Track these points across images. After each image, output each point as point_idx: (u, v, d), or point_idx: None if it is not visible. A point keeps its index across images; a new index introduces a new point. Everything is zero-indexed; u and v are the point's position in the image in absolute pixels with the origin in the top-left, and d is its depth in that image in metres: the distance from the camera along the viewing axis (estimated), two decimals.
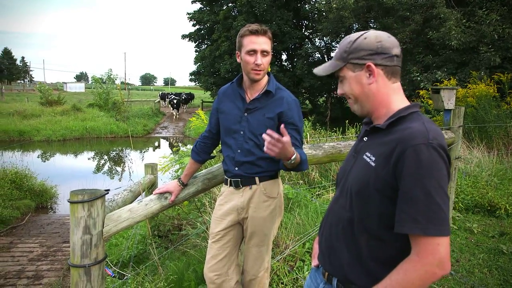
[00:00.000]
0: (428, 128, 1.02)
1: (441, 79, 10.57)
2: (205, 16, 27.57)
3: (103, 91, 20.77)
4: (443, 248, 0.95)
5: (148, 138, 18.04)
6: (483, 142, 6.65)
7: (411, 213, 0.97)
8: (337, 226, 1.21)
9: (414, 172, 0.97)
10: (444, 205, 0.96)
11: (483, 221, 4.23)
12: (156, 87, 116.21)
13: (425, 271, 0.95)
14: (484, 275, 3.04)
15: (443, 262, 0.95)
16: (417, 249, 0.97)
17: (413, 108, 1.13)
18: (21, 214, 5.92)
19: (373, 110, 1.18)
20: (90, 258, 1.89)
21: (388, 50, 1.12)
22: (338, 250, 1.19)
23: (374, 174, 1.07)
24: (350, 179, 1.18)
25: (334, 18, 15.94)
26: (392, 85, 1.15)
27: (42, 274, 3.87)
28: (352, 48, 1.15)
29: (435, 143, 0.99)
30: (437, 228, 0.95)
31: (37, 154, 13.68)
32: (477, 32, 11.11)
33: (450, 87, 3.75)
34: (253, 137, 1.93)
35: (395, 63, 1.13)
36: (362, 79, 1.15)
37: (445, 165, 0.99)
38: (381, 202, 1.06)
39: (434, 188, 0.95)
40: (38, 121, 16.64)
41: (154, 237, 3.94)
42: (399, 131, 1.06)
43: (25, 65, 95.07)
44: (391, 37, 1.14)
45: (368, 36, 1.14)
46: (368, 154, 1.13)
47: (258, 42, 1.83)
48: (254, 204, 1.97)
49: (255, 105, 1.94)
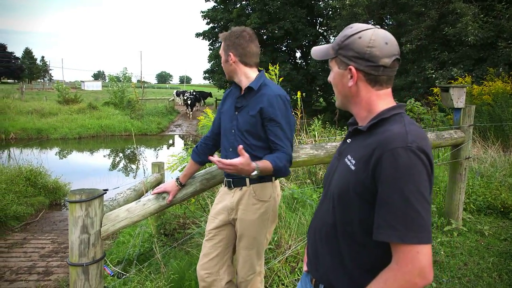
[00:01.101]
0: (408, 131, 0.98)
1: (457, 76, 10.33)
2: (219, 15, 27.64)
3: (118, 90, 21.07)
4: (423, 257, 0.90)
5: (162, 136, 18.22)
6: (498, 141, 6.47)
7: (389, 220, 0.93)
8: (321, 231, 1.18)
9: (391, 177, 0.93)
10: (424, 211, 0.91)
11: (495, 223, 4.11)
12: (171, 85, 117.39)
13: (405, 281, 0.91)
14: (493, 280, 2.95)
15: (424, 271, 0.90)
16: (397, 258, 0.93)
17: (397, 109, 1.09)
18: (35, 210, 6.05)
19: (352, 108, 1.16)
20: (88, 257, 1.91)
21: (375, 59, 1.06)
22: (322, 256, 1.16)
23: (354, 179, 1.03)
24: (333, 183, 1.15)
25: (348, 15, 15.75)
26: (376, 92, 1.10)
27: (52, 270, 3.96)
28: (344, 43, 1.11)
29: (414, 146, 0.94)
30: (416, 235, 0.90)
31: (53, 151, 13.98)
32: (495, 27, 10.81)
33: (460, 85, 3.66)
34: (240, 134, 1.93)
35: (381, 73, 1.08)
36: (344, 79, 1.13)
37: (425, 169, 0.94)
38: (361, 207, 1.02)
39: (413, 193, 0.91)
40: (55, 119, 16.98)
41: (160, 235, 3.97)
42: (379, 134, 1.02)
43: (45, 65, 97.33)
44: (389, 43, 1.06)
45: (363, 36, 1.07)
46: (349, 157, 1.09)
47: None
48: (243, 206, 1.97)
49: (242, 103, 1.95)
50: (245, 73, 1.96)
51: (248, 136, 1.91)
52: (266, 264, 2.75)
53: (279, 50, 27.49)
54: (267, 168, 1.76)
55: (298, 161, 2.62)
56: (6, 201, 5.47)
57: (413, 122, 1.07)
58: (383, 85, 1.10)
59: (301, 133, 5.67)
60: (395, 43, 1.08)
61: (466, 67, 11.52)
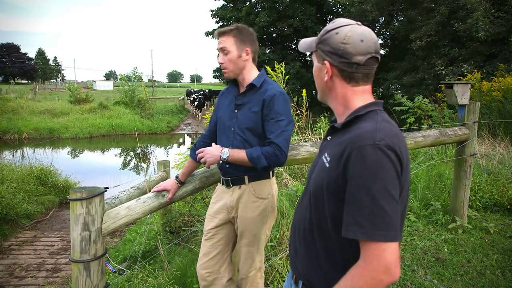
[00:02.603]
0: (378, 128, 0.98)
1: (467, 73, 10.18)
2: (228, 13, 27.74)
3: (129, 89, 21.30)
4: (389, 254, 0.91)
5: (172, 135, 18.37)
6: (507, 137, 6.37)
7: (355, 217, 0.93)
8: (299, 228, 1.19)
9: (359, 175, 0.94)
10: (390, 209, 0.91)
11: (501, 220, 4.06)
12: (182, 84, 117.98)
13: (371, 278, 0.92)
14: (495, 277, 2.93)
15: (390, 268, 0.91)
16: (364, 255, 0.94)
17: (372, 106, 1.09)
18: (45, 209, 6.20)
19: (331, 104, 1.17)
20: (89, 254, 1.96)
21: (348, 55, 1.06)
22: (300, 253, 1.18)
23: (327, 176, 1.04)
24: (311, 180, 1.16)
25: (357, 11, 15.64)
26: (352, 88, 1.11)
27: (60, 267, 4.06)
28: (323, 38, 1.12)
29: (382, 143, 0.94)
30: (382, 233, 0.91)
31: (65, 151, 14.23)
32: (507, 22, 10.62)
33: (464, 82, 3.62)
34: (240, 132, 1.95)
35: (354, 70, 1.08)
36: (321, 73, 1.15)
37: (393, 166, 0.94)
38: (333, 204, 1.03)
39: (379, 191, 0.91)
40: (67, 119, 17.27)
41: (166, 233, 4.03)
42: (351, 132, 1.03)
43: (57, 65, 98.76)
44: (366, 40, 1.06)
45: (340, 32, 1.08)
46: (326, 154, 1.10)
47: (218, 43, 1.96)
48: (243, 203, 1.99)
49: (242, 100, 1.97)
50: (251, 70, 1.99)
51: (248, 134, 1.93)
52: (268, 261, 2.78)
53: (288, 48, 27.43)
54: (240, 154, 1.85)
55: (298, 159, 2.64)
56: (17, 199, 5.61)
57: (388, 119, 1.06)
58: (359, 82, 1.10)
59: (306, 131, 5.67)
60: (372, 41, 1.07)
61: (476, 63, 11.35)
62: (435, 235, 3.65)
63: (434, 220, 3.94)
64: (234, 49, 1.91)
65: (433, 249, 3.39)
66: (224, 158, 1.84)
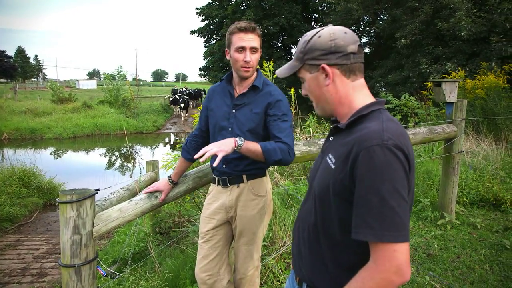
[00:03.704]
0: (385, 128, 0.97)
1: (451, 71, 10.36)
2: (214, 11, 27.58)
3: (113, 88, 20.96)
4: (400, 255, 0.90)
5: (158, 134, 18.18)
6: (491, 134, 6.51)
7: (365, 219, 0.92)
8: (303, 230, 1.18)
9: (367, 175, 0.93)
10: (400, 209, 0.91)
11: (487, 215, 4.14)
12: (167, 83, 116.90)
13: (382, 279, 0.91)
14: (484, 271, 2.98)
15: (401, 269, 0.90)
16: (374, 256, 0.93)
17: (375, 105, 1.08)
18: (29, 211, 6.03)
19: (335, 110, 1.15)
20: (80, 258, 1.91)
21: (342, 48, 1.07)
22: (304, 255, 1.17)
23: (333, 177, 1.03)
24: (315, 181, 1.15)
25: (343, 10, 15.75)
26: (352, 83, 1.10)
27: (46, 271, 3.94)
28: (307, 48, 1.11)
29: (390, 143, 0.93)
30: (393, 234, 0.89)
31: (48, 151, 13.91)
32: (488, 21, 10.85)
33: (452, 80, 3.68)
34: (240, 133, 1.91)
35: (352, 60, 1.08)
36: (319, 81, 1.12)
37: (402, 166, 0.93)
38: (340, 206, 1.02)
39: (389, 191, 0.90)
40: (49, 119, 16.88)
41: (156, 234, 3.97)
42: (357, 132, 1.02)
43: (38, 63, 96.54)
44: (348, 32, 1.09)
45: (322, 34, 1.09)
46: (330, 155, 1.09)
47: (247, 39, 1.83)
48: (242, 202, 1.97)
49: (243, 101, 1.94)
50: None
51: (248, 135, 1.89)
52: (262, 261, 2.76)
53: (274, 47, 27.44)
54: (254, 145, 1.74)
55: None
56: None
57: (392, 118, 1.06)
58: (356, 74, 1.10)
59: (296, 130, 5.67)
60: (352, 32, 1.10)
61: (459, 62, 11.56)
62: (425, 232, 3.70)
63: (423, 216, 3.99)
64: (259, 49, 1.90)
65: (424, 245, 3.43)
66: (239, 143, 1.70)
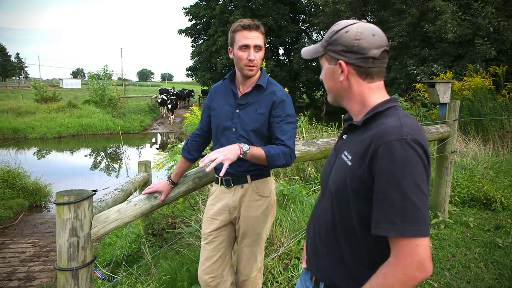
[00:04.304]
0: (403, 123, 0.97)
1: (438, 72, 10.53)
2: (201, 11, 27.40)
3: (99, 87, 20.64)
4: (422, 250, 0.89)
5: (145, 134, 17.97)
6: (479, 135, 6.63)
7: (386, 214, 0.91)
8: (320, 228, 1.17)
9: (387, 171, 0.92)
10: (421, 204, 0.90)
11: (479, 214, 4.20)
12: (153, 83, 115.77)
13: (404, 274, 0.90)
14: (480, 270, 3.01)
15: (423, 264, 0.89)
16: (395, 252, 0.92)
17: (390, 102, 1.08)
18: (13, 213, 5.85)
19: (345, 104, 1.15)
20: (78, 261, 1.84)
21: (363, 50, 1.05)
22: (322, 254, 1.15)
23: (350, 174, 1.02)
24: (330, 179, 1.14)
25: (331, 11, 15.85)
26: (368, 84, 1.10)
27: (34, 275, 3.82)
28: (332, 39, 1.10)
29: (409, 138, 0.93)
30: (414, 228, 0.89)
31: (32, 152, 13.59)
32: (472, 25, 11.04)
33: (445, 81, 3.71)
34: (244, 133, 1.88)
35: (371, 65, 1.07)
36: (335, 74, 1.12)
37: (421, 161, 0.93)
38: (359, 202, 1.01)
39: (409, 186, 0.90)
40: (33, 118, 16.52)
41: (148, 236, 3.89)
42: (374, 128, 1.01)
43: (20, 62, 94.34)
44: (376, 35, 1.06)
45: (350, 30, 1.07)
46: (345, 153, 1.08)
47: (251, 37, 1.80)
48: (246, 203, 1.93)
49: (247, 100, 1.90)
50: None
51: (252, 135, 1.86)
52: None
53: None
54: (258, 150, 1.74)
55: None
56: None
57: (408, 115, 1.06)
58: (374, 77, 1.10)
59: None
60: (382, 35, 1.08)
61: (445, 63, 11.74)
62: None
63: None
64: (263, 47, 1.86)
65: None
66: (245, 150, 1.69)
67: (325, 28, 18.72)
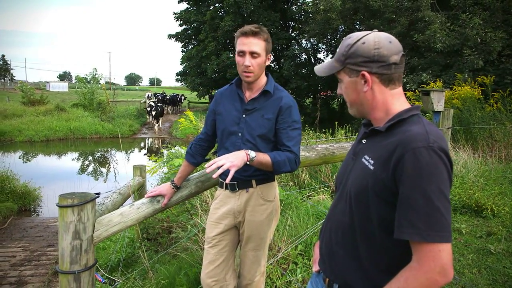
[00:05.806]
0: (428, 131, 1.00)
1: (427, 81, 10.74)
2: (192, 16, 27.42)
3: (88, 91, 20.41)
4: (445, 255, 0.91)
5: (134, 139, 17.81)
6: (468, 144, 6.77)
7: (410, 219, 0.94)
8: (336, 231, 1.18)
9: (414, 176, 0.94)
10: (445, 210, 0.93)
11: (470, 221, 4.28)
12: (141, 87, 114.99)
13: (426, 279, 0.92)
14: (474, 276, 3.07)
15: (445, 269, 0.92)
16: (418, 256, 0.94)
17: (414, 110, 1.11)
18: (2, 217, 5.72)
19: (370, 114, 1.17)
20: (80, 264, 1.82)
21: (385, 58, 1.08)
22: (338, 256, 1.17)
23: (372, 178, 1.04)
24: (349, 183, 1.15)
25: (321, 19, 16.04)
26: (390, 91, 1.12)
27: (25, 279, 3.74)
28: (349, 52, 1.12)
29: (435, 146, 0.96)
30: (438, 234, 0.91)
31: (19, 155, 13.33)
32: (460, 35, 11.32)
33: (440, 89, 3.80)
34: (251, 138, 1.88)
35: (393, 71, 1.09)
36: (357, 86, 1.13)
37: (446, 168, 0.96)
38: (380, 206, 1.03)
39: (434, 192, 0.92)
40: (20, 121, 16.23)
41: (144, 240, 3.86)
42: (399, 134, 1.04)
43: (6, 64, 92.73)
44: (392, 41, 1.09)
45: (367, 41, 1.09)
46: (366, 157, 1.10)
47: (247, 43, 1.80)
48: (251, 207, 1.94)
49: (254, 106, 1.90)
50: (263, 75, 1.94)
51: (258, 140, 1.87)
52: None
53: None
54: (265, 157, 1.77)
55: None
56: None
57: (431, 123, 1.09)
58: (396, 83, 1.12)
59: None
60: (397, 41, 1.11)
61: (434, 73, 11.99)
62: None
63: None
64: (263, 54, 1.84)
65: None
66: (252, 157, 1.71)
67: (315, 35, 18.93)
